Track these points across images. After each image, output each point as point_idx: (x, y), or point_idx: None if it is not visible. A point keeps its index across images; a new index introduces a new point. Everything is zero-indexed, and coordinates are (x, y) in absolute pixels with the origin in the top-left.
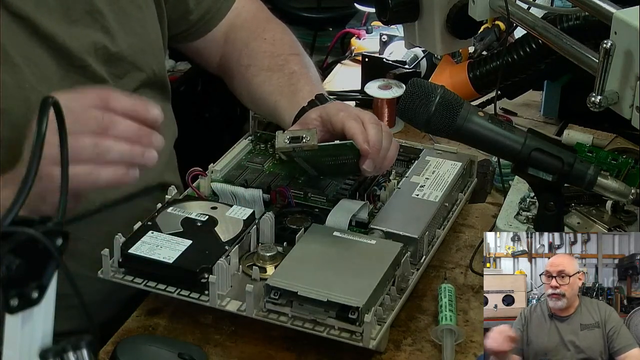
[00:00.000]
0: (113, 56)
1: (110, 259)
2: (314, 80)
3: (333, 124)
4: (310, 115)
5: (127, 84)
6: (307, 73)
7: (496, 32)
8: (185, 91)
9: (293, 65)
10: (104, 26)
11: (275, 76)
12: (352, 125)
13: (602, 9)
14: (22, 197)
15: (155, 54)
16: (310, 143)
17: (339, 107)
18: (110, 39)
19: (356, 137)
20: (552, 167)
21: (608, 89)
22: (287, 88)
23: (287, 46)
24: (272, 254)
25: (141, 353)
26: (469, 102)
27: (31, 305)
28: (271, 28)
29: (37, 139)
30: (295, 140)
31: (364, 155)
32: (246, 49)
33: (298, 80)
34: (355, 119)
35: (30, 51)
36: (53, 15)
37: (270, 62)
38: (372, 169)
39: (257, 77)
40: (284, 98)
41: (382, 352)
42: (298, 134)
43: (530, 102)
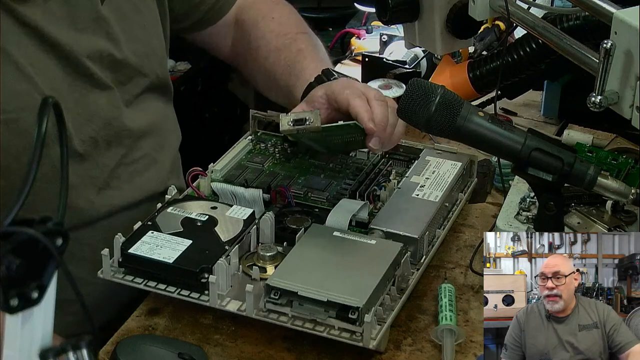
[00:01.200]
0: (119, 63)
1: (110, 259)
2: (321, 56)
3: (338, 102)
4: (316, 93)
5: (131, 89)
6: (313, 50)
7: (496, 32)
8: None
9: (300, 43)
10: (108, 33)
11: (283, 56)
12: (356, 104)
13: (602, 9)
14: (22, 197)
15: (159, 58)
16: (314, 125)
17: (344, 84)
18: (115, 45)
19: (361, 116)
20: (552, 167)
21: (608, 89)
22: (295, 66)
23: (294, 25)
24: (272, 254)
25: (141, 353)
26: (469, 102)
27: (31, 305)
28: (278, 9)
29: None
30: (299, 122)
31: (369, 133)
32: (255, 29)
33: (304, 58)
34: (360, 97)
35: (40, 60)
36: (60, 23)
37: (277, 42)
38: (379, 146)
39: (267, 59)
40: (292, 77)
41: (382, 352)
42: (301, 115)
43: (530, 102)
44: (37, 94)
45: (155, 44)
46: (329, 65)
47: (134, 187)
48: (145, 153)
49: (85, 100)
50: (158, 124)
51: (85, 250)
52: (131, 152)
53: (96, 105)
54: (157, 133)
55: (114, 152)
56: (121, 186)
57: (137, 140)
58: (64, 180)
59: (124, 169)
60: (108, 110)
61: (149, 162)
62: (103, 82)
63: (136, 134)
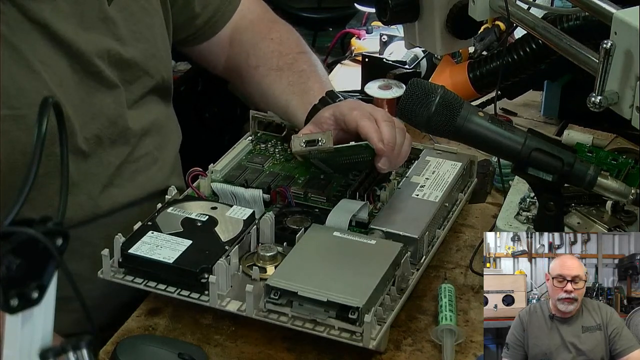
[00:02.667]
0: (126, 62)
1: (111, 259)
2: (323, 78)
3: (347, 123)
4: (324, 114)
5: (136, 89)
6: (315, 71)
7: (496, 32)
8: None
9: (302, 63)
10: (115, 33)
11: (285, 75)
12: (365, 125)
13: (602, 9)
14: (22, 197)
15: (164, 59)
16: (326, 146)
17: (351, 105)
18: (122, 45)
19: (371, 137)
20: (552, 167)
21: (608, 89)
22: (297, 87)
23: (295, 45)
24: (272, 254)
25: (141, 353)
26: (469, 102)
27: (31, 305)
28: (277, 28)
29: (37, 139)
30: (311, 143)
31: (379, 154)
32: (254, 49)
33: (308, 79)
34: (369, 118)
35: (49, 57)
36: (69, 21)
37: (279, 62)
38: (388, 166)
39: (267, 77)
40: (295, 97)
41: (382, 352)
42: (314, 137)
43: (530, 102)
44: (45, 91)
45: (160, 45)
46: (331, 86)
47: (136, 186)
48: (147, 152)
49: (92, 98)
50: (160, 123)
51: (86, 248)
52: (135, 151)
53: (102, 103)
54: (158, 132)
55: (119, 150)
56: (124, 184)
57: (140, 138)
58: (64, 181)
59: (127, 167)
60: (114, 109)
61: (151, 160)
62: (110, 81)
63: (139, 133)
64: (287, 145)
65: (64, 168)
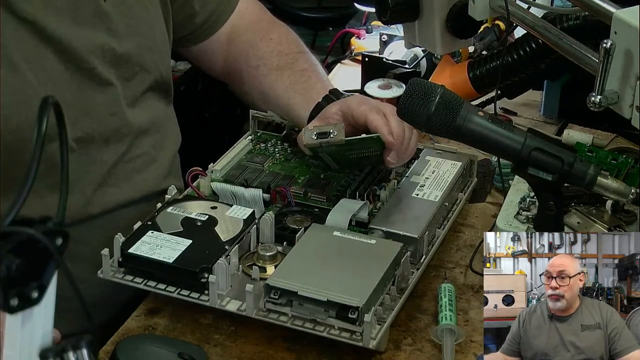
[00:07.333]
0: (120, 57)
1: (110, 259)
2: (324, 77)
3: (355, 117)
4: (330, 110)
5: (135, 86)
6: (316, 70)
7: (496, 32)
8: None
9: (302, 63)
10: (110, 28)
11: (286, 74)
12: (375, 118)
13: (602, 9)
14: (22, 197)
15: (162, 54)
16: (337, 138)
17: (359, 100)
18: (117, 40)
19: (381, 130)
20: (552, 167)
21: (608, 88)
22: (299, 85)
23: (294, 45)
24: (272, 254)
25: (141, 353)
26: (469, 102)
27: (31, 305)
28: (276, 29)
29: (37, 139)
30: (323, 135)
31: (388, 147)
32: (253, 49)
33: (309, 77)
34: (377, 112)
35: (36, 55)
36: (61, 17)
37: (279, 61)
38: (396, 160)
39: (268, 77)
40: (297, 95)
41: (382, 352)
42: (325, 129)
43: (530, 102)
44: (29, 90)
45: (158, 40)
46: (331, 85)
47: (131, 186)
48: (144, 151)
49: (83, 95)
50: (158, 123)
51: (82, 249)
52: (130, 150)
53: (94, 101)
54: (157, 132)
55: (113, 149)
56: (119, 184)
57: (137, 138)
58: (64, 181)
59: (123, 167)
60: (107, 107)
61: (148, 160)
62: (104, 78)
63: (136, 131)
64: (287, 145)
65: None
